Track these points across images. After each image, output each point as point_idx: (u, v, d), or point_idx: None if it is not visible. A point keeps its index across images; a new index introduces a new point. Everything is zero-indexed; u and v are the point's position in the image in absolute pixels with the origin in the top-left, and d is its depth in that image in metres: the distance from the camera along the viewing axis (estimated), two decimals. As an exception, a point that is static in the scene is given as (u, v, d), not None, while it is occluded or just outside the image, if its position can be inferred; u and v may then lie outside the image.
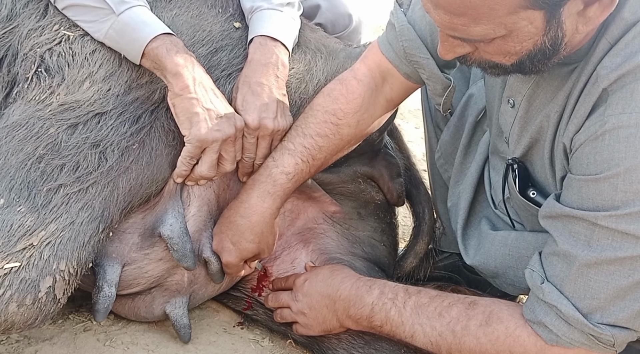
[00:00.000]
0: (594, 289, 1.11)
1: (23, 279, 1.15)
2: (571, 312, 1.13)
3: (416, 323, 1.29)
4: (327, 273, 1.46)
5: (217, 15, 1.51)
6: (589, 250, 1.10)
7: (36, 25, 1.39)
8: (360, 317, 1.36)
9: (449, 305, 1.29)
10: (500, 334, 1.22)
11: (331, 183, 1.65)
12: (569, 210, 1.13)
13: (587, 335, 1.13)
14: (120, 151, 1.30)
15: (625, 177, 1.06)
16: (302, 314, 1.46)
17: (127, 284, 1.38)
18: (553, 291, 1.15)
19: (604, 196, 1.08)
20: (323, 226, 1.63)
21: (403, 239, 1.96)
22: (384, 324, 1.34)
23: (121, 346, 1.42)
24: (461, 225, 1.52)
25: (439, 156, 1.71)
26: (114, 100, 1.33)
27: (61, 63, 1.34)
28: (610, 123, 1.07)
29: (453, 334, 1.25)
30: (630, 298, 1.10)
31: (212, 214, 1.46)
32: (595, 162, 1.09)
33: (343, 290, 1.40)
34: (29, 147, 1.26)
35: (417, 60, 1.41)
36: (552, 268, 1.17)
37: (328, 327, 1.44)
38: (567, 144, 1.17)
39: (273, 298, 1.52)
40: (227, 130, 1.35)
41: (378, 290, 1.36)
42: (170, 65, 1.31)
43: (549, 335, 1.17)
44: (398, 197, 1.73)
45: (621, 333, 1.12)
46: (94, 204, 1.26)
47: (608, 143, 1.07)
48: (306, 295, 1.45)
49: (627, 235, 1.07)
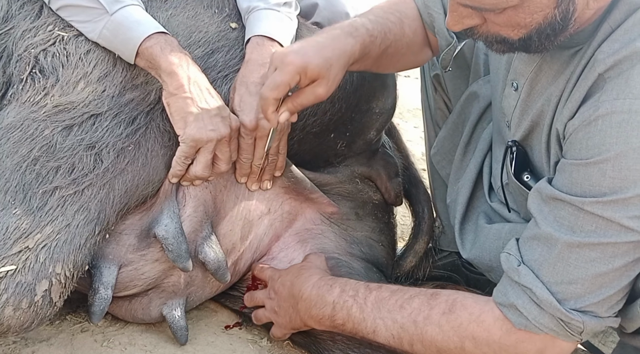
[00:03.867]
0: (573, 274, 1.11)
1: (19, 282, 1.15)
2: (545, 295, 1.12)
3: (377, 317, 1.28)
4: (294, 272, 1.45)
5: (213, 15, 1.51)
6: (572, 235, 1.10)
7: (30, 26, 1.38)
8: (322, 317, 1.35)
9: (410, 297, 1.27)
10: (464, 320, 1.20)
11: (329, 184, 1.65)
12: (557, 193, 1.13)
13: (557, 320, 1.13)
14: (116, 152, 1.30)
15: (614, 162, 1.06)
16: (274, 313, 1.46)
17: (123, 286, 1.38)
18: (529, 274, 1.15)
19: (592, 181, 1.08)
20: (321, 227, 1.62)
21: (402, 238, 1.96)
22: (346, 322, 1.32)
23: (119, 346, 1.42)
24: (459, 220, 1.52)
25: (436, 152, 1.70)
26: (109, 101, 1.33)
27: (55, 64, 1.34)
28: (604, 108, 1.07)
29: (415, 325, 1.23)
30: (607, 285, 1.10)
31: (208, 215, 1.45)
32: (587, 147, 1.09)
33: (305, 289, 1.38)
34: (23, 149, 1.25)
35: (432, 13, 1.46)
36: (531, 252, 1.16)
37: (295, 326, 1.43)
38: (561, 130, 1.17)
39: (248, 297, 1.53)
40: (222, 130, 1.34)
41: (339, 288, 1.35)
42: (165, 64, 1.31)
43: (518, 319, 1.16)
44: (396, 197, 1.73)
45: (591, 321, 1.12)
46: (89, 206, 1.25)
47: (600, 128, 1.07)
48: (277, 293, 1.45)
49: (611, 222, 1.07)
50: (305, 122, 1.53)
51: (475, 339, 1.19)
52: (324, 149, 1.62)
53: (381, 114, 1.65)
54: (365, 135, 1.65)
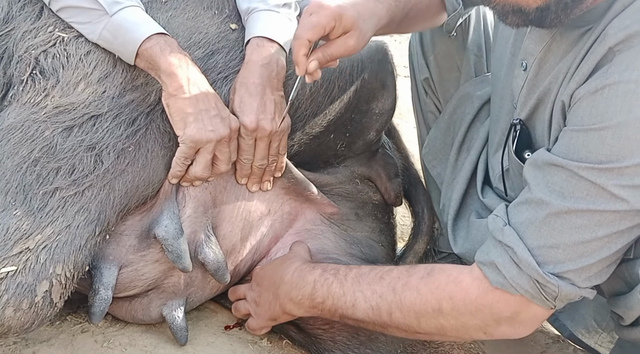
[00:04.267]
0: (556, 238, 1.11)
1: (19, 283, 1.15)
2: (525, 256, 1.13)
3: (357, 291, 1.29)
4: (278, 261, 1.46)
5: (213, 17, 1.51)
6: (562, 200, 1.11)
7: (31, 27, 1.38)
8: (302, 297, 1.35)
9: (390, 269, 1.29)
10: (442, 281, 1.21)
11: (329, 184, 1.65)
12: (554, 158, 1.13)
13: (533, 282, 1.13)
14: (116, 153, 1.30)
15: (615, 130, 1.05)
16: (254, 303, 1.46)
17: (123, 286, 1.38)
18: (513, 234, 1.16)
19: (590, 148, 1.08)
20: (321, 227, 1.62)
21: (402, 239, 1.96)
22: (325, 299, 1.32)
23: (119, 347, 1.42)
24: (452, 216, 1.53)
25: (427, 152, 1.71)
26: (109, 102, 1.33)
27: (56, 65, 1.34)
28: (612, 78, 1.07)
29: (393, 292, 1.25)
30: (588, 255, 1.11)
31: (208, 216, 1.45)
32: (590, 115, 1.09)
33: (286, 274, 1.39)
34: (24, 150, 1.25)
35: None
36: (519, 215, 1.17)
37: (273, 314, 1.43)
38: (567, 100, 1.17)
39: (231, 291, 1.54)
40: (221, 131, 1.34)
41: (320, 269, 1.37)
42: (164, 65, 1.31)
43: (496, 277, 1.17)
44: (396, 197, 1.73)
45: (567, 287, 1.13)
46: (90, 207, 1.25)
47: (606, 96, 1.07)
48: (258, 284, 1.46)
49: (603, 189, 1.07)
50: (305, 123, 1.53)
51: (453, 299, 1.20)
52: (324, 150, 1.62)
53: (381, 115, 1.65)
54: (365, 135, 1.65)
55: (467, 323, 1.21)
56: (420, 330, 1.26)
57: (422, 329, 1.25)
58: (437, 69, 1.70)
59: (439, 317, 1.22)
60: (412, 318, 1.24)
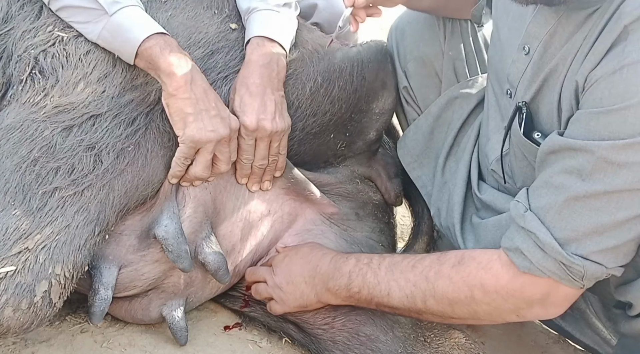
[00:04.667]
0: (576, 221, 1.13)
1: (19, 283, 1.14)
2: (548, 240, 1.15)
3: (391, 280, 1.32)
4: (306, 250, 1.48)
5: (213, 16, 1.50)
6: (582, 184, 1.12)
7: (30, 27, 1.38)
8: (339, 288, 1.39)
9: (421, 258, 1.33)
10: (472, 269, 1.24)
11: (329, 184, 1.65)
12: (571, 142, 1.14)
13: (559, 264, 1.15)
14: (116, 153, 1.30)
15: (636, 109, 1.05)
16: (279, 289, 1.47)
17: (123, 286, 1.38)
18: (534, 219, 1.18)
19: (612, 128, 1.08)
20: (321, 227, 1.62)
21: (402, 238, 1.96)
22: (361, 289, 1.36)
23: (118, 347, 1.41)
24: (458, 220, 1.54)
25: (405, 152, 1.71)
26: (108, 102, 1.33)
27: (55, 65, 1.34)
28: (630, 58, 1.07)
29: (427, 281, 1.28)
30: (607, 235, 1.12)
31: (208, 216, 1.45)
32: (609, 96, 1.09)
33: (322, 265, 1.43)
34: (23, 149, 1.25)
35: None
36: (539, 199, 1.19)
37: (305, 302, 1.46)
38: (581, 82, 1.17)
39: (251, 272, 1.54)
40: (221, 131, 1.34)
41: (354, 259, 1.40)
42: (164, 65, 1.31)
43: (523, 262, 1.19)
44: (396, 197, 1.73)
45: (592, 266, 1.14)
46: (89, 207, 1.25)
47: (625, 77, 1.07)
48: (284, 270, 1.47)
49: (622, 167, 1.07)
50: (305, 123, 1.53)
51: (484, 286, 1.23)
52: (324, 150, 1.62)
53: (381, 114, 1.65)
54: (365, 135, 1.65)
55: (500, 308, 1.24)
56: (454, 316, 1.30)
57: (457, 314, 1.29)
58: (415, 77, 1.70)
59: (471, 304, 1.25)
60: (445, 305, 1.27)
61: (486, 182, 1.54)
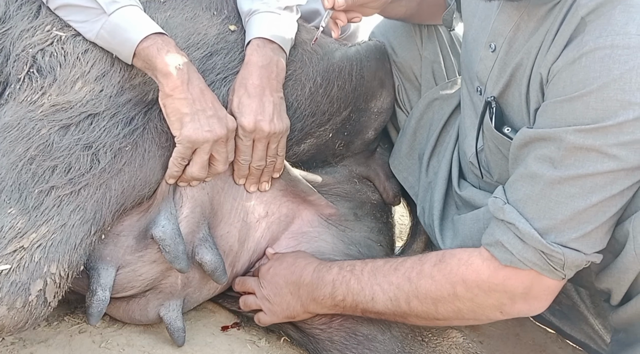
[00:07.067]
0: (554, 210, 1.14)
1: (13, 282, 1.14)
2: (527, 229, 1.16)
3: (374, 284, 1.33)
4: (290, 260, 1.49)
5: (212, 17, 1.50)
6: (554, 171, 1.13)
7: (28, 26, 1.38)
8: (324, 297, 1.39)
9: (403, 260, 1.33)
10: (454, 266, 1.25)
11: (327, 185, 1.64)
12: (540, 131, 1.16)
13: (539, 253, 1.16)
14: (113, 153, 1.29)
15: (597, 94, 1.08)
16: (267, 301, 1.48)
17: (121, 287, 1.37)
18: (513, 211, 1.19)
19: (576, 114, 1.11)
20: (318, 229, 1.62)
21: (400, 238, 1.96)
22: (346, 297, 1.36)
23: (117, 347, 1.41)
24: (437, 217, 1.55)
25: (393, 159, 1.73)
26: (106, 101, 1.32)
27: (53, 64, 1.34)
28: (587, 46, 1.10)
29: (409, 282, 1.29)
30: (584, 221, 1.14)
31: (206, 216, 1.45)
32: (571, 84, 1.12)
33: (306, 275, 1.43)
34: (20, 148, 1.25)
35: None
36: (516, 192, 1.20)
37: (292, 313, 1.46)
38: (545, 74, 1.20)
39: (239, 282, 1.55)
40: (218, 131, 1.34)
41: (337, 267, 1.40)
42: (161, 65, 1.31)
43: (504, 255, 1.20)
44: (394, 196, 1.73)
45: (571, 254, 1.15)
46: (85, 206, 1.24)
47: (584, 64, 1.10)
48: (270, 282, 1.48)
49: (590, 151, 1.09)
50: (304, 123, 1.53)
51: (466, 282, 1.24)
52: (322, 149, 1.61)
53: (379, 114, 1.65)
54: (364, 135, 1.64)
55: (483, 304, 1.25)
56: (438, 316, 1.30)
57: (440, 314, 1.29)
58: (399, 79, 1.72)
59: (455, 301, 1.26)
60: (429, 304, 1.28)
61: (467, 180, 1.55)
